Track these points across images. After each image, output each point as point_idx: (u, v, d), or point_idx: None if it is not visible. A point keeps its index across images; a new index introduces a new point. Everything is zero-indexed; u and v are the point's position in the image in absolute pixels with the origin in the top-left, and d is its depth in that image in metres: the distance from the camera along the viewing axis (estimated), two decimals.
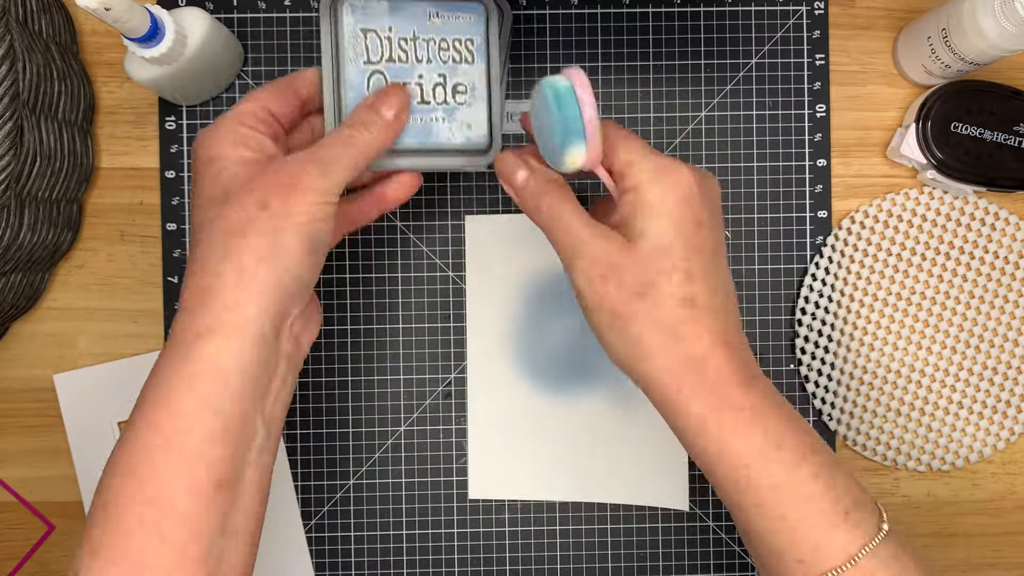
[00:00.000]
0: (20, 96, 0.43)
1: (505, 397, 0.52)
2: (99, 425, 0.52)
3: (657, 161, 0.38)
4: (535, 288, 0.52)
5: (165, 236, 0.52)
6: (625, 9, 0.53)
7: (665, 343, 0.38)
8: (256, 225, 0.37)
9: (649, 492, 0.52)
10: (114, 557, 0.34)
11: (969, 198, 0.53)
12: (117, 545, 0.34)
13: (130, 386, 0.51)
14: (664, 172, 0.38)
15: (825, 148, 0.53)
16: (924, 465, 0.53)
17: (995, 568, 0.54)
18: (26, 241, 0.47)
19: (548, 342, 0.52)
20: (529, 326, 0.52)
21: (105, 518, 0.35)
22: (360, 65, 0.43)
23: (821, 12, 0.53)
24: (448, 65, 0.44)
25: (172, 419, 0.35)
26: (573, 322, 0.52)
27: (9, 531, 0.53)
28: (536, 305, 0.52)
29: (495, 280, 0.52)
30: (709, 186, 0.39)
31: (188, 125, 0.52)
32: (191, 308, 0.37)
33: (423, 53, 0.44)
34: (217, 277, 0.36)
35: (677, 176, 0.38)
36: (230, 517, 0.37)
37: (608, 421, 0.52)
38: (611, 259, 0.38)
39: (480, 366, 0.52)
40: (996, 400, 0.53)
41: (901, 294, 0.53)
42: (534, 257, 0.52)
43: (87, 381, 0.52)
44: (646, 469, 0.52)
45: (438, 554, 0.53)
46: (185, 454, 0.35)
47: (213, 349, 0.36)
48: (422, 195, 0.53)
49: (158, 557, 0.34)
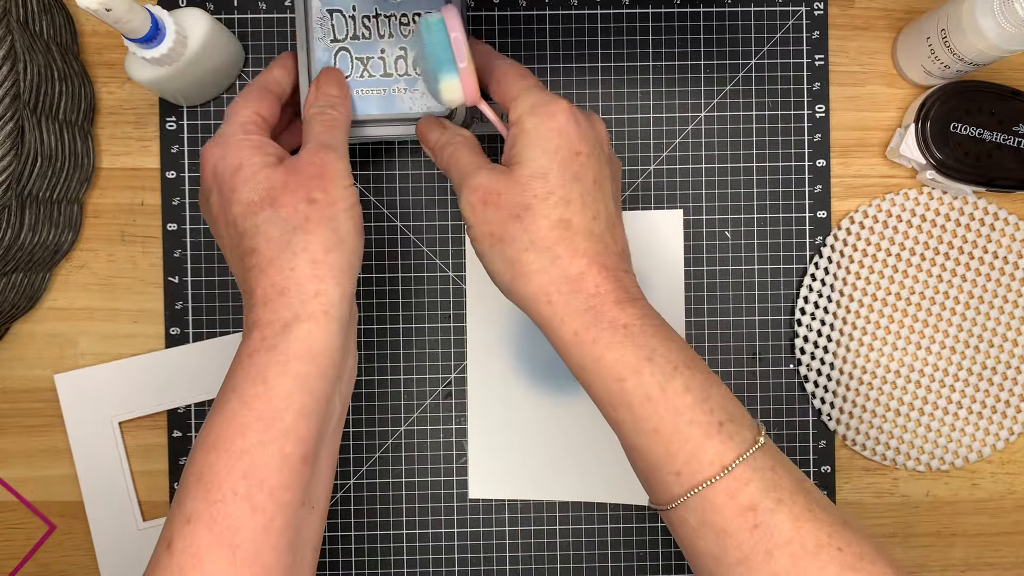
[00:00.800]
0: (21, 97, 0.43)
1: (505, 397, 0.52)
2: (99, 425, 0.52)
3: (537, 96, 0.41)
4: None
5: (166, 236, 0.52)
6: (625, 9, 0.53)
7: (541, 263, 0.39)
8: (313, 218, 0.40)
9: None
10: (209, 524, 0.36)
11: (968, 198, 0.53)
12: (212, 513, 0.36)
13: (130, 386, 0.52)
14: (542, 105, 0.41)
15: (824, 148, 0.53)
16: (923, 465, 0.53)
17: (994, 568, 0.54)
18: (27, 241, 0.47)
19: (548, 343, 0.52)
20: (529, 327, 0.52)
21: (200, 488, 0.37)
22: (327, 43, 0.47)
23: (820, 13, 0.53)
24: (409, 39, 0.47)
25: (267, 399, 0.38)
26: None
27: (10, 531, 0.53)
28: None
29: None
30: (590, 123, 0.42)
31: (189, 126, 0.52)
32: (269, 302, 0.39)
33: (385, 29, 0.47)
34: (292, 271, 0.39)
35: (553, 108, 0.41)
36: (309, 490, 0.39)
37: (603, 422, 0.52)
38: (492, 185, 0.40)
39: (480, 367, 0.52)
40: (995, 400, 0.53)
41: (900, 294, 0.53)
42: None
43: (87, 381, 0.52)
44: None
45: (438, 554, 0.53)
46: (277, 430, 0.37)
47: (304, 334, 0.38)
48: (422, 195, 0.53)
49: (248, 525, 0.36)
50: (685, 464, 0.37)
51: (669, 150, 0.53)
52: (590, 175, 0.41)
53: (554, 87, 0.52)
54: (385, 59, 0.47)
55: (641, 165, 0.53)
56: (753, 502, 0.36)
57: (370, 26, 0.47)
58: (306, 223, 0.40)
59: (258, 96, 0.44)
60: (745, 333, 0.53)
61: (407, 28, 0.47)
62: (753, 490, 0.36)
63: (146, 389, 0.52)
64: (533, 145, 0.40)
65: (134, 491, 0.52)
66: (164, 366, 0.52)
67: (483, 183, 0.41)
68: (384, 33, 0.47)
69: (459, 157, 0.43)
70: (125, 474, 0.52)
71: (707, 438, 0.37)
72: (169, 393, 0.52)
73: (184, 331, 0.52)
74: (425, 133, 0.46)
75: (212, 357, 0.52)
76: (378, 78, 0.47)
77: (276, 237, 0.40)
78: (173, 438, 0.52)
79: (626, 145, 0.53)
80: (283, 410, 0.38)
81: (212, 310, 0.52)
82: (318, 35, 0.47)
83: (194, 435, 0.52)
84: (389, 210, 0.53)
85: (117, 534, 0.52)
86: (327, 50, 0.47)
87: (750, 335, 0.53)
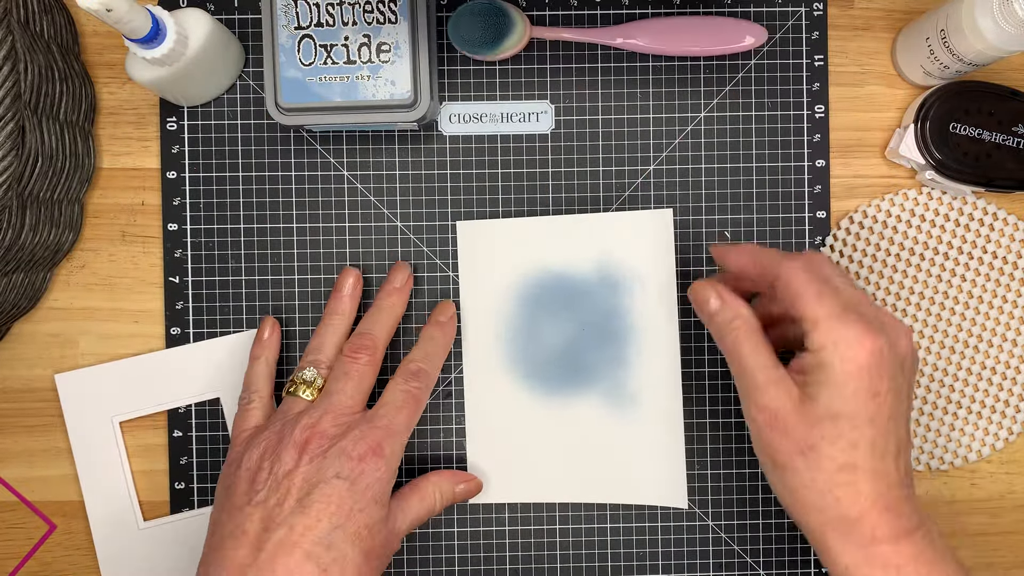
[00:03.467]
0: (22, 97, 0.43)
1: (502, 400, 0.52)
2: (99, 424, 0.52)
3: (847, 328, 0.39)
4: (529, 291, 0.52)
5: (166, 236, 0.52)
6: (625, 10, 0.53)
7: (820, 503, 0.40)
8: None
9: (648, 491, 0.52)
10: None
11: (968, 198, 0.53)
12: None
13: (131, 385, 0.52)
14: (845, 343, 0.39)
15: (824, 149, 0.53)
16: (923, 464, 0.53)
17: (993, 568, 0.54)
18: (27, 241, 0.47)
19: (543, 344, 0.52)
20: (523, 329, 0.52)
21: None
22: (291, 30, 0.47)
23: (820, 13, 0.53)
24: (372, 26, 0.48)
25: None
26: (568, 324, 0.52)
27: (10, 531, 0.53)
28: (530, 308, 0.52)
29: (488, 284, 0.52)
30: (896, 350, 0.40)
31: (189, 126, 0.52)
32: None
33: (348, 16, 0.47)
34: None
35: (857, 348, 0.39)
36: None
37: (605, 422, 0.52)
38: (780, 411, 0.40)
39: (476, 370, 0.52)
40: (995, 400, 0.53)
41: (900, 294, 0.53)
42: (526, 261, 0.52)
43: (88, 380, 0.52)
44: (644, 469, 0.52)
45: (438, 553, 0.53)
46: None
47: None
48: (422, 195, 0.53)
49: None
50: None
51: (668, 150, 0.53)
52: (886, 413, 0.40)
53: (554, 87, 0.53)
54: (348, 46, 0.47)
55: (641, 165, 0.53)
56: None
57: (334, 13, 0.47)
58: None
59: (272, 364, 0.50)
60: None
61: (371, 15, 0.47)
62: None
63: (146, 389, 0.52)
64: (830, 384, 0.39)
65: (134, 490, 0.52)
66: (164, 366, 0.52)
67: (771, 408, 0.40)
68: (348, 20, 0.47)
69: (743, 353, 0.42)
70: (126, 473, 0.52)
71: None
72: (169, 393, 0.52)
73: (184, 331, 0.52)
74: (702, 301, 0.44)
75: (213, 356, 0.52)
76: (341, 65, 0.47)
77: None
78: (173, 438, 0.52)
79: (626, 145, 0.53)
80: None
81: (212, 310, 0.52)
82: (282, 22, 0.47)
83: (194, 435, 0.52)
84: (389, 210, 0.53)
85: (118, 534, 0.52)
86: (291, 37, 0.47)
87: None
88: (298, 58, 0.48)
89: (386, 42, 0.47)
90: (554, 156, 0.53)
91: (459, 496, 0.50)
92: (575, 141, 0.53)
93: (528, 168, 0.53)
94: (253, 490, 0.43)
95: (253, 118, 0.52)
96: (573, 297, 0.52)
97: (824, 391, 0.39)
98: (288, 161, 0.53)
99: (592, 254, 0.52)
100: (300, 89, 0.48)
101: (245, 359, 0.51)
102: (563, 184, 0.53)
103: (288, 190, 0.53)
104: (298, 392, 0.47)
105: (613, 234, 0.52)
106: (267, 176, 0.53)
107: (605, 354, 0.52)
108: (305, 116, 0.48)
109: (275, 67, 0.48)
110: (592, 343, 0.52)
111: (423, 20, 0.48)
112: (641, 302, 0.52)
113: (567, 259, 0.52)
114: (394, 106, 0.48)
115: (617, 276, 0.52)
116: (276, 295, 0.53)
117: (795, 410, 0.40)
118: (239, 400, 0.49)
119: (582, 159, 0.53)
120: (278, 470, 0.43)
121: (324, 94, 0.48)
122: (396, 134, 0.53)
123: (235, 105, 0.52)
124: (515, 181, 0.53)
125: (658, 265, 0.52)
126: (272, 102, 0.48)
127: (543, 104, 0.53)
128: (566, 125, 0.53)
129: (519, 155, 0.53)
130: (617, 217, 0.52)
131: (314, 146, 0.53)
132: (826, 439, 0.39)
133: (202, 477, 0.52)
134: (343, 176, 0.53)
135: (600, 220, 0.52)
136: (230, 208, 0.52)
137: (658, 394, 0.51)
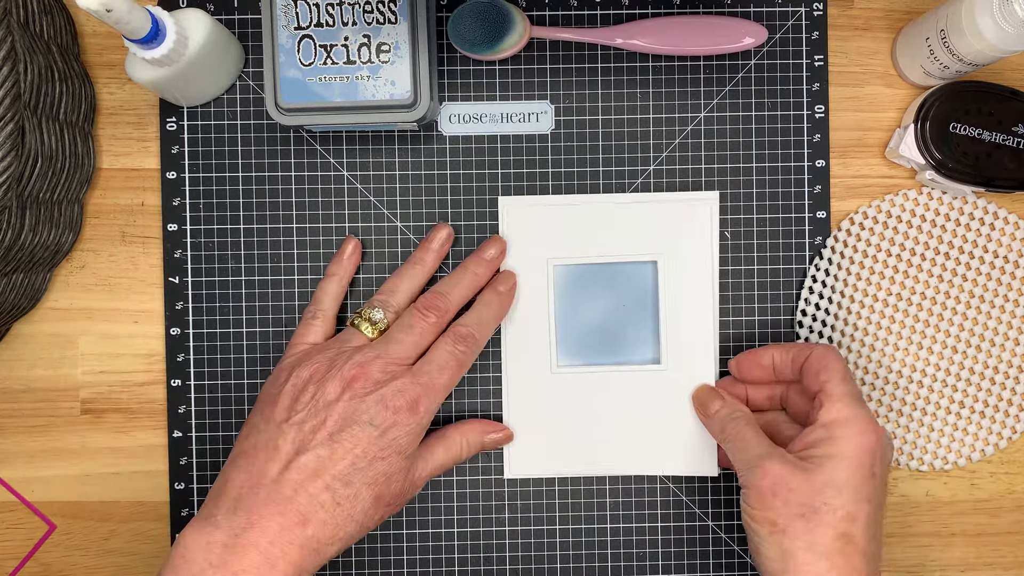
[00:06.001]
0: (22, 97, 0.43)
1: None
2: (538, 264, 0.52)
3: (857, 411, 0.44)
4: (570, 267, 0.52)
5: (166, 237, 0.52)
6: (625, 10, 0.53)
7: (816, 567, 0.42)
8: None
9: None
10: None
11: (968, 198, 0.53)
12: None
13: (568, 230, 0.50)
14: (859, 423, 0.44)
15: (824, 149, 0.53)
16: (925, 464, 0.53)
17: (993, 568, 0.54)
18: (27, 242, 0.47)
19: (582, 319, 0.53)
20: (563, 303, 0.52)
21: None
22: (291, 31, 0.47)
23: (820, 13, 0.53)
24: (372, 27, 0.48)
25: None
26: (608, 302, 0.52)
27: (10, 531, 0.53)
28: (571, 283, 0.53)
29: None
30: (888, 450, 0.45)
31: (189, 126, 0.52)
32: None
33: (348, 16, 0.48)
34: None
35: (870, 434, 0.43)
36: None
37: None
38: (785, 478, 0.43)
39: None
40: (996, 400, 0.53)
41: (901, 294, 0.53)
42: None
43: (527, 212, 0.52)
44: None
45: (438, 553, 0.53)
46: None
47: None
48: (422, 195, 0.53)
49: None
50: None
51: (669, 150, 0.53)
52: (878, 498, 0.43)
53: (554, 87, 0.53)
54: (348, 46, 0.47)
55: (641, 165, 0.53)
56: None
57: (334, 14, 0.47)
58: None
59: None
60: (745, 334, 0.53)
61: (370, 16, 0.47)
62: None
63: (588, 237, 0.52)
64: (839, 456, 0.43)
65: (554, 332, 0.53)
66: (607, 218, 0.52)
67: (777, 472, 0.43)
68: (347, 20, 0.47)
69: (745, 435, 0.46)
70: (550, 315, 0.52)
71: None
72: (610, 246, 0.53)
73: (184, 331, 0.52)
74: (705, 403, 0.50)
75: (651, 217, 0.52)
76: (341, 65, 0.48)
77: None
78: (173, 438, 0.53)
79: (626, 145, 0.53)
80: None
81: (212, 310, 0.52)
82: (282, 22, 0.47)
83: (194, 435, 0.52)
84: (389, 210, 0.53)
85: (532, 375, 0.53)
86: (291, 37, 0.47)
87: (750, 336, 0.53)
88: (298, 58, 0.48)
89: (386, 42, 0.48)
90: (554, 156, 0.53)
91: (488, 445, 0.51)
92: (575, 141, 0.53)
93: (528, 168, 0.53)
94: (294, 409, 0.45)
95: (253, 118, 0.52)
96: (615, 275, 0.52)
97: (829, 462, 0.43)
98: (288, 161, 0.53)
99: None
100: (300, 89, 0.48)
101: (694, 224, 0.52)
102: (563, 184, 0.53)
103: (288, 190, 0.53)
104: (361, 327, 0.48)
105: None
106: (267, 176, 0.53)
107: (643, 331, 0.53)
108: (305, 116, 0.48)
109: (275, 67, 0.48)
110: (630, 319, 0.53)
111: (423, 20, 0.48)
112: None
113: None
114: (394, 106, 0.48)
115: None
116: (276, 295, 0.53)
117: (799, 475, 0.43)
118: (304, 312, 0.51)
119: (582, 159, 0.53)
120: (319, 397, 0.45)
121: (324, 94, 0.48)
122: (396, 134, 0.53)
123: (235, 105, 0.52)
124: (515, 181, 0.53)
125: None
126: (272, 102, 0.48)
127: (543, 104, 0.53)
128: (566, 125, 0.53)
129: (519, 155, 0.53)
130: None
131: (314, 146, 0.53)
132: (828, 505, 0.42)
133: (202, 477, 0.52)
134: (343, 176, 0.53)
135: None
136: (230, 208, 0.52)
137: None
